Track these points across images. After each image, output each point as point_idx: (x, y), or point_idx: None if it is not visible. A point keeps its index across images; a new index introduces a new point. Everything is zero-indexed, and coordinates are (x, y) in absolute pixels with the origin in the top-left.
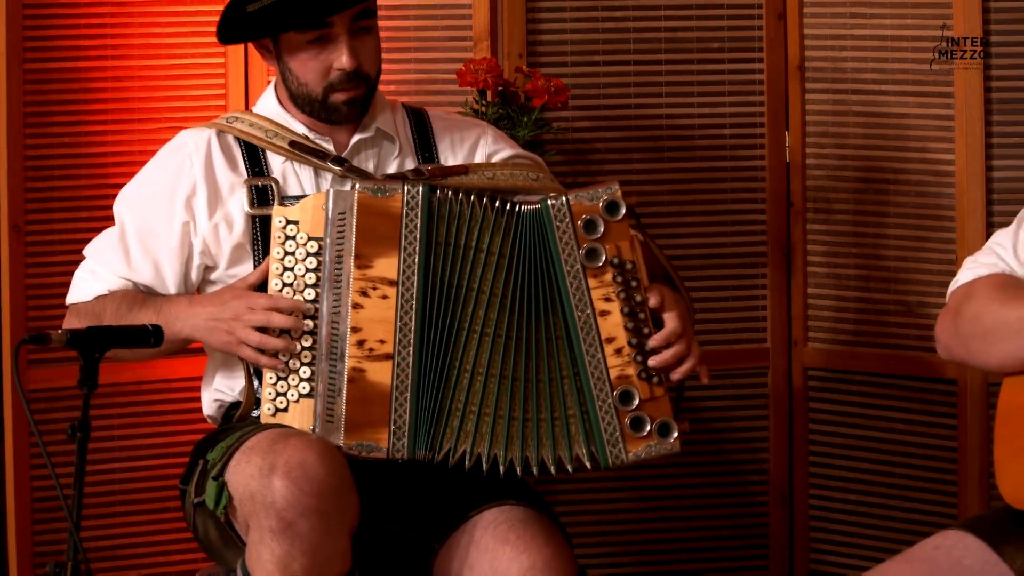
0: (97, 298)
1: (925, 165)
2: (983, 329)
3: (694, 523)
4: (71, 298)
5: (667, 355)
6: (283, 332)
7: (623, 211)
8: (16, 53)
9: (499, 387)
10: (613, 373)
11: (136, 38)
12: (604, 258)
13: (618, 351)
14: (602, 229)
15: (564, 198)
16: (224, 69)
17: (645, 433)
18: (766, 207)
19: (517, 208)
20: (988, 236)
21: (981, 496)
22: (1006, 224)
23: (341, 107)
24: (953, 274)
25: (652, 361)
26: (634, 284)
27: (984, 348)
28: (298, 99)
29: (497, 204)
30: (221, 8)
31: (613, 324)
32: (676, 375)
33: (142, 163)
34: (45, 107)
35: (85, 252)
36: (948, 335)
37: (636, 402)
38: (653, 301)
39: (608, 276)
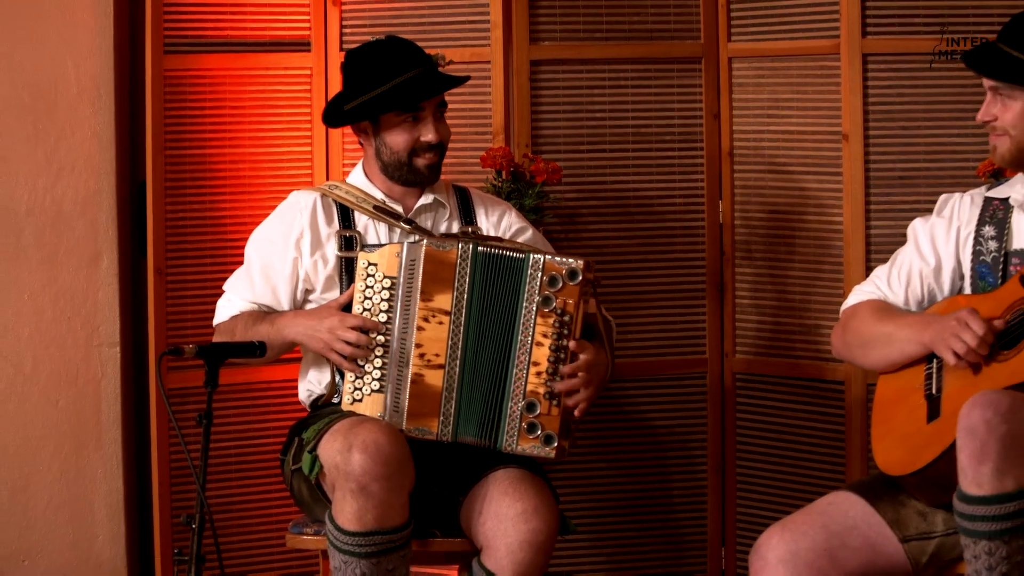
0: (232, 317)
1: (821, 224)
2: (862, 340)
3: (652, 485)
4: (215, 321)
5: (568, 383)
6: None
7: (579, 279)
8: (159, 144)
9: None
10: (529, 387)
11: (247, 132)
12: (553, 306)
13: (538, 374)
14: (560, 285)
15: (543, 256)
16: (311, 155)
17: (534, 436)
18: (705, 255)
19: (508, 254)
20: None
21: (862, 466)
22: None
23: (424, 169)
24: (841, 305)
25: (557, 386)
26: (566, 332)
27: (863, 353)
28: (389, 166)
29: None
30: (307, 112)
31: (542, 354)
32: (569, 401)
33: (252, 223)
34: (180, 182)
35: (224, 287)
36: (839, 343)
37: (536, 412)
38: (581, 353)
39: (551, 320)
